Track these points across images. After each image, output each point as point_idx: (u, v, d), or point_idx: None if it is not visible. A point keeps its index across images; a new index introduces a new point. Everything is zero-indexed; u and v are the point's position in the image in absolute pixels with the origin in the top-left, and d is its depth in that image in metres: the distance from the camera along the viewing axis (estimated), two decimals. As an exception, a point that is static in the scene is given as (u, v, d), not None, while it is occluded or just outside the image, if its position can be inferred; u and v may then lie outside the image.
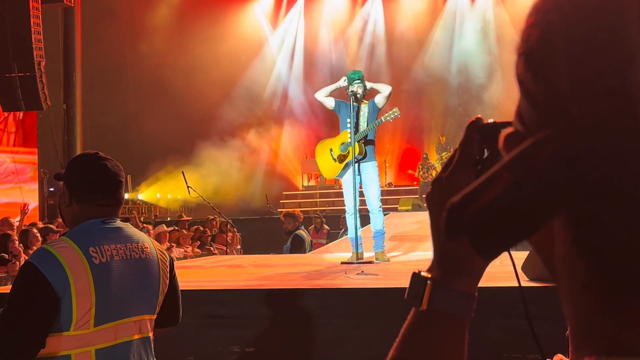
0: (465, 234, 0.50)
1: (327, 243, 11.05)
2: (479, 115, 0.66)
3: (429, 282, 0.68)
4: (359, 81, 6.19)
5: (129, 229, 2.21)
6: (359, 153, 6.11)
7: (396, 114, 6.22)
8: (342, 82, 6.16)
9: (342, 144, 6.23)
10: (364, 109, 6.20)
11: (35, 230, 7.88)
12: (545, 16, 0.49)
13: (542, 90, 0.49)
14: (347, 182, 6.24)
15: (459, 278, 0.67)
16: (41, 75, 13.76)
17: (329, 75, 20.40)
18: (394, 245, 8.12)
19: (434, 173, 16.42)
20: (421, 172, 16.79)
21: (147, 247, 2.21)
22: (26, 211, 9.97)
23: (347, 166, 6.21)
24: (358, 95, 6.10)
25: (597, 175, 0.46)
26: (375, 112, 6.21)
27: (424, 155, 17.14)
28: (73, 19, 17.20)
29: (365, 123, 6.17)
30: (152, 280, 2.20)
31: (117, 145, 17.19)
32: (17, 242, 7.24)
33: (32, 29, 13.56)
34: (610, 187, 0.46)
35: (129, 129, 18.93)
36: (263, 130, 20.34)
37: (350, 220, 6.18)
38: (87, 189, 2.16)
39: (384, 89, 6.25)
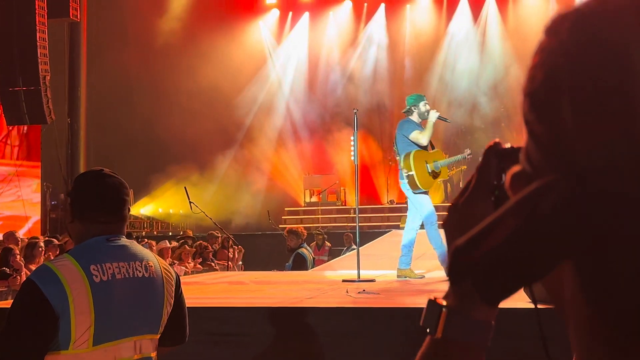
0: (468, 279, 0.49)
1: (328, 260, 11.03)
2: (497, 140, 0.65)
3: (444, 309, 0.66)
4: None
5: (134, 246, 2.20)
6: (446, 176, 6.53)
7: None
8: (433, 115, 6.49)
9: (435, 161, 6.47)
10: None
11: (41, 244, 7.87)
12: (550, 57, 0.49)
13: (546, 133, 0.48)
14: (426, 198, 6.40)
15: (475, 306, 0.65)
16: (46, 89, 13.83)
17: (332, 92, 20.47)
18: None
19: None
20: None
21: (152, 266, 2.19)
22: None
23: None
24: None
25: (603, 222, 0.44)
26: None
27: None
28: (79, 34, 17.31)
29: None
30: (156, 300, 2.18)
31: (120, 159, 17.22)
32: (18, 257, 7.23)
33: (38, 43, 13.65)
34: (616, 234, 0.45)
35: (133, 144, 18.96)
36: (265, 145, 20.37)
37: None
38: (87, 206, 2.16)
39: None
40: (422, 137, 6.41)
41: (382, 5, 20.49)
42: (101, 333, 2.01)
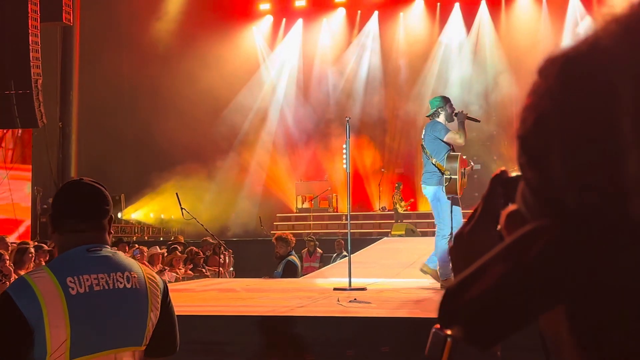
0: (457, 324, 0.49)
1: (320, 267, 11.01)
2: (503, 168, 0.65)
3: (448, 340, 0.65)
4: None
5: (117, 257, 2.14)
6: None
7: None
8: (462, 116, 6.15)
9: (465, 169, 6.16)
10: None
11: (31, 250, 7.81)
12: (540, 100, 0.49)
13: (536, 177, 0.48)
14: (447, 205, 6.08)
15: None
16: (38, 93, 13.79)
17: (325, 99, 20.49)
18: (396, 272, 8.09)
19: (402, 204, 16.72)
20: (395, 200, 17.07)
21: (135, 276, 2.13)
22: None
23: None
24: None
25: (590, 269, 0.45)
26: None
27: (397, 185, 17.37)
28: (72, 38, 17.29)
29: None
30: (138, 311, 2.12)
31: (112, 163, 17.17)
32: (8, 262, 7.17)
33: (31, 47, 13.63)
34: (604, 282, 0.45)
35: (125, 148, 18.92)
36: (260, 151, 20.36)
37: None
38: (60, 215, 2.13)
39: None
40: (459, 138, 6.06)
41: (376, 13, 20.57)
42: (78, 346, 1.96)
